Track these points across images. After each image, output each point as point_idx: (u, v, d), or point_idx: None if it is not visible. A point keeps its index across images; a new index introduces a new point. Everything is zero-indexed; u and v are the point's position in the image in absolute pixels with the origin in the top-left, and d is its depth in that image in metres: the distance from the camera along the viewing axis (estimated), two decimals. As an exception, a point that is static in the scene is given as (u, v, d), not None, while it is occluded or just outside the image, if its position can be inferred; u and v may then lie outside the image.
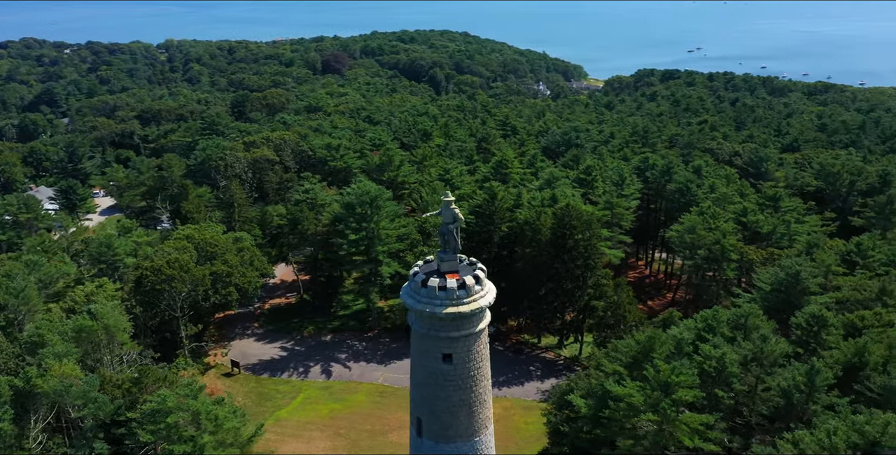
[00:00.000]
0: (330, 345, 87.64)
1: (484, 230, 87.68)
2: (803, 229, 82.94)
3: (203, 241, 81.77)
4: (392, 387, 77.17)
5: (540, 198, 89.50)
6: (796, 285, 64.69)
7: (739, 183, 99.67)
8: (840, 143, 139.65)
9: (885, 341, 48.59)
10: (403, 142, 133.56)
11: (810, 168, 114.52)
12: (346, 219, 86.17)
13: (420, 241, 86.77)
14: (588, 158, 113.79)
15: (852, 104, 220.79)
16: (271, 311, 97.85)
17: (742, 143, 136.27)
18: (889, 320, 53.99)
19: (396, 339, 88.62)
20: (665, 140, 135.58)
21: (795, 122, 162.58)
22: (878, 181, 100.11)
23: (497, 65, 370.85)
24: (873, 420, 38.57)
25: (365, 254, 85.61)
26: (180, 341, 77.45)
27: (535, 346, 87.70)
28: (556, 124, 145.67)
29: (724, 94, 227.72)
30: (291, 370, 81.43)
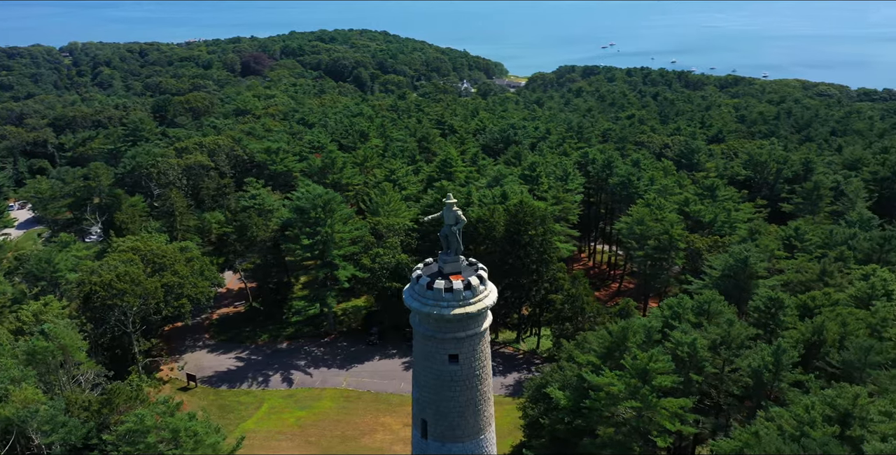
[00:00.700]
0: (287, 352, 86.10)
1: (437, 229, 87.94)
2: (742, 217, 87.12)
3: (150, 252, 78.80)
4: (357, 391, 76.61)
5: (491, 195, 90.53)
6: (745, 270, 68.00)
7: (677, 174, 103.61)
8: (760, 134, 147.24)
9: (838, 319, 51.79)
10: (342, 143, 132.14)
11: (738, 158, 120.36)
12: (299, 223, 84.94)
13: (374, 243, 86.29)
14: (529, 155, 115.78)
15: (762, 96, 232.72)
16: (221, 321, 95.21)
17: (670, 136, 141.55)
18: (837, 299, 57.57)
19: (354, 342, 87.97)
20: (598, 135, 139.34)
21: (715, 114, 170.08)
22: (802, 169, 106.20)
23: (420, 64, 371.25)
24: (844, 393, 41.13)
25: (319, 258, 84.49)
26: (133, 357, 74.42)
27: (493, 341, 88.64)
28: (492, 122, 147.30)
29: (645, 88, 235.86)
30: (251, 380, 79.60)
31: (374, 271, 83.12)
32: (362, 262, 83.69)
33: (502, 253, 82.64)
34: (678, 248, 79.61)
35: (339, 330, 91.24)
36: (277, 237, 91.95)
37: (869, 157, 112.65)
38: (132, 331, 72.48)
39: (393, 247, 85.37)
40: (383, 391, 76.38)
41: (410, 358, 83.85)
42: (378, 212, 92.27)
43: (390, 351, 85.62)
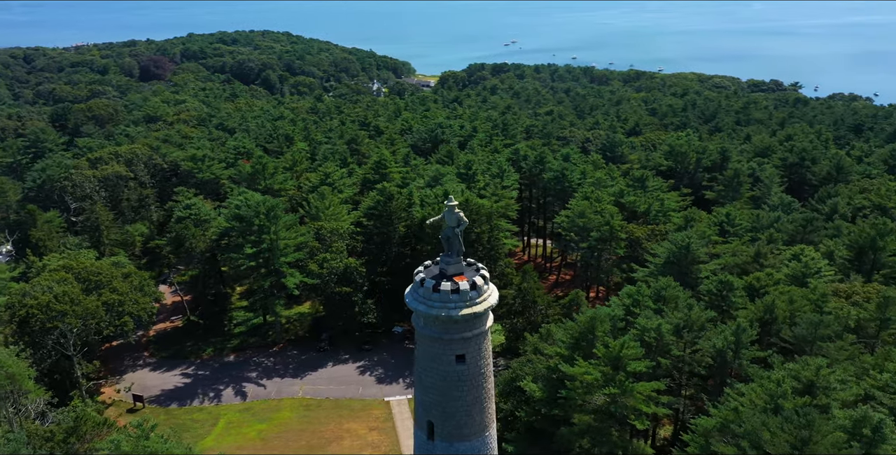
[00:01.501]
0: (236, 365, 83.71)
1: (382, 231, 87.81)
2: (673, 206, 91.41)
3: (84, 269, 74.76)
4: (316, 399, 75.46)
5: (433, 195, 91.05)
6: (687, 256, 71.45)
7: (607, 167, 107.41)
8: (672, 126, 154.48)
9: (786, 297, 55.48)
10: (267, 148, 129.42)
11: (657, 149, 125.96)
12: (239, 232, 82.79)
13: (319, 248, 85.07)
14: (460, 153, 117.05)
15: (665, 89, 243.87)
16: (159, 337, 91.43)
17: (590, 130, 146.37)
18: (778, 279, 61.59)
19: (304, 350, 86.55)
20: (522, 131, 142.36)
21: (627, 108, 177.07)
22: (719, 158, 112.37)
23: (328, 64, 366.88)
24: (807, 366, 44.26)
25: (264, 266, 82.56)
26: (75, 382, 70.46)
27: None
28: (417, 122, 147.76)
29: (556, 85, 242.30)
30: (202, 396, 76.93)
31: (323, 277, 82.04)
32: (310, 269, 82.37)
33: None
34: (619, 238, 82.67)
35: (287, 338, 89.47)
36: (215, 247, 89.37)
37: (776, 144, 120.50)
38: (73, 353, 68.61)
39: (339, 251, 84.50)
40: (343, 397, 75.59)
41: (365, 362, 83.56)
42: (319, 216, 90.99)
43: (343, 356, 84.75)
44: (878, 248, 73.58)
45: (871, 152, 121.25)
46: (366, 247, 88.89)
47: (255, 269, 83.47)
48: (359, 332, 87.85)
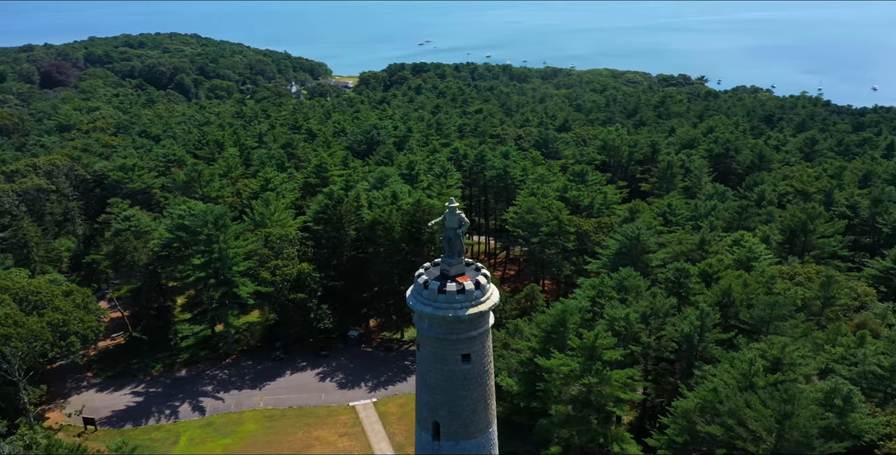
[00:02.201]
0: (188, 379, 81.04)
1: (333, 235, 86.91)
2: (615, 198, 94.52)
3: (22, 289, 70.70)
4: (278, 409, 74.06)
5: (382, 196, 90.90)
6: (637, 246, 74.21)
7: (546, 163, 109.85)
8: (598, 121, 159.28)
9: (740, 281, 58.57)
10: (198, 154, 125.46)
11: (589, 144, 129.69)
12: (188, 242, 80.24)
13: (270, 255, 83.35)
14: (399, 154, 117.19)
15: (584, 85, 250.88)
16: (101, 356, 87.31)
17: (521, 127, 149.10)
18: (729, 264, 64.90)
19: (259, 360, 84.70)
20: (456, 130, 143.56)
21: (552, 104, 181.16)
22: (650, 151, 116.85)
23: (243, 67, 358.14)
24: (773, 344, 47.01)
25: (214, 277, 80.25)
26: (21, 408, 66.59)
27: (400, 341, 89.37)
28: (349, 123, 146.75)
29: (480, 83, 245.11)
30: (157, 415, 74.07)
31: (276, 284, 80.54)
32: (262, 276, 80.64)
33: (404, 252, 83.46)
34: (568, 231, 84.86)
35: (239, 349, 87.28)
36: (157, 260, 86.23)
37: (700, 136, 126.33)
38: (18, 379, 64.83)
39: (291, 257, 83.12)
40: (306, 405, 74.50)
41: (324, 368, 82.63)
42: (265, 223, 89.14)
43: (300, 364, 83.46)
44: (808, 231, 78.60)
45: (786, 141, 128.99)
46: (317, 252, 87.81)
47: (203, 280, 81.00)
48: (313, 338, 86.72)
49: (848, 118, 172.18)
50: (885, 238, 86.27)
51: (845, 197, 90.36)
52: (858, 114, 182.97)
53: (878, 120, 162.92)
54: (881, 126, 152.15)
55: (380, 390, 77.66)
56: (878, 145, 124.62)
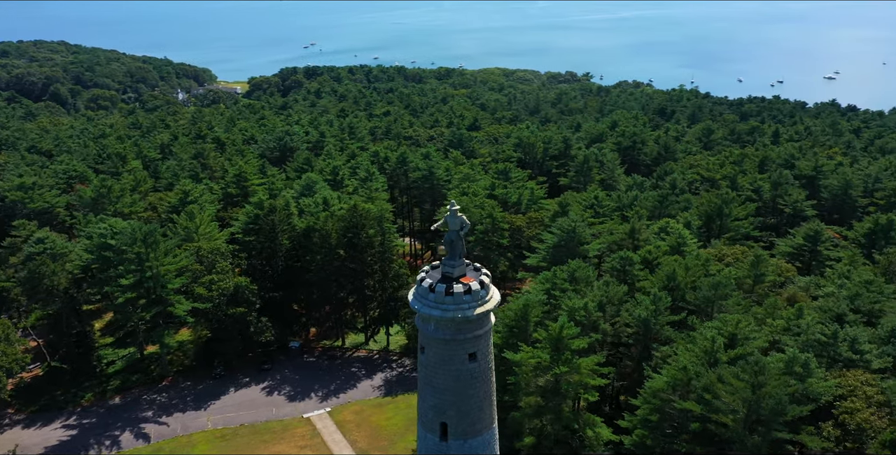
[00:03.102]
0: (124, 407, 76.78)
1: (266, 246, 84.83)
2: (540, 193, 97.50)
3: (-68, 325, 64.80)
4: (229, 427, 71.67)
5: (312, 203, 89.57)
6: (574, 238, 77.11)
7: (469, 163, 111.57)
8: (505, 119, 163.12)
9: (682, 265, 62.25)
10: (99, 169, 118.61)
11: (501, 142, 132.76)
12: (112, 263, 76.01)
13: (203, 270, 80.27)
14: (317, 160, 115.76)
15: (478, 85, 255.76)
16: (20, 390, 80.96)
17: (431, 128, 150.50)
18: (666, 250, 68.73)
19: (198, 379, 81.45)
20: (368, 133, 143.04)
21: (456, 104, 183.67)
22: (563, 146, 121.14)
23: (123, 75, 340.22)
24: (727, 322, 50.44)
25: (145, 297, 76.44)
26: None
27: (343, 348, 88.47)
28: (256, 130, 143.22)
29: (380, 85, 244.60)
30: (97, 446, 69.82)
31: (213, 299, 77.73)
32: (197, 293, 77.57)
33: (342, 259, 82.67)
34: (502, 228, 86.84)
35: (174, 370, 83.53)
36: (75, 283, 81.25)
37: (607, 130, 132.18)
38: (-59, 423, 59.44)
39: (225, 271, 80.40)
40: (258, 421, 72.48)
41: (269, 382, 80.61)
42: (192, 237, 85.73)
43: (243, 380, 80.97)
44: (724, 215, 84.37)
45: (684, 132, 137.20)
46: (250, 264, 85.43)
47: (132, 301, 76.92)
48: (253, 353, 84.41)
49: (730, 108, 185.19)
50: (787, 218, 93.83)
51: (749, 182, 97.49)
52: (738, 104, 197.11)
53: (759, 109, 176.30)
54: (763, 115, 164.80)
55: (331, 399, 76.66)
56: (765, 133, 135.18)
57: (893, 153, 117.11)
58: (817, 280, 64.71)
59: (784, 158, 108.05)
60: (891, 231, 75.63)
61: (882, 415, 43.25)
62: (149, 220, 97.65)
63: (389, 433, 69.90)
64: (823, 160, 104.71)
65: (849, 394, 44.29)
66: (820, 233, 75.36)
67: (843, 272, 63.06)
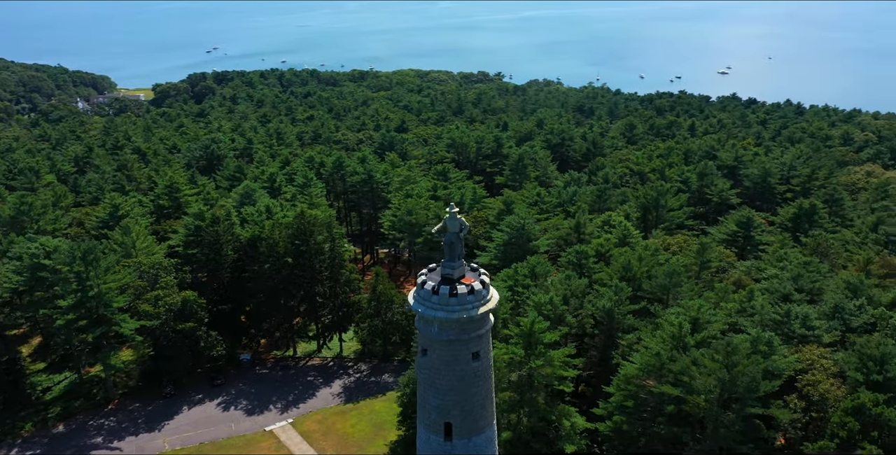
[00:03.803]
0: (70, 435, 72.83)
1: (211, 258, 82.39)
2: (481, 193, 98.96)
3: None
4: (189, 447, 69.34)
5: (254, 212, 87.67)
6: (524, 234, 78.93)
7: (406, 164, 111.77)
8: (430, 120, 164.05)
9: (635, 255, 64.88)
10: (12, 186, 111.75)
11: (430, 143, 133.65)
12: (46, 284, 72.09)
13: (146, 287, 77.12)
14: (249, 167, 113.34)
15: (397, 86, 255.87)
16: (-52, 426, 75.55)
17: (359, 131, 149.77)
18: (615, 242, 71.40)
19: (147, 400, 78.24)
20: (296, 138, 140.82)
21: (379, 107, 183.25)
22: (495, 145, 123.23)
23: (14, 84, 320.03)
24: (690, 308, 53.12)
25: (87, 317, 72.75)
26: None
27: (295, 358, 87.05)
28: (177, 139, 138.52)
29: (297, 89, 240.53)
30: (47, 479, 66.15)
31: (160, 316, 74.88)
32: (143, 310, 74.51)
33: (291, 267, 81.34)
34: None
35: (120, 392, 79.90)
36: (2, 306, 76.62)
37: (535, 128, 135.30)
38: None
39: (170, 286, 77.58)
40: (218, 438, 70.43)
41: (223, 397, 78.56)
42: (131, 253, 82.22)
43: (195, 397, 78.39)
44: (660, 206, 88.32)
45: (608, 128, 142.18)
46: (195, 277, 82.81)
47: (72, 323, 73.05)
48: (202, 368, 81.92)
49: (643, 104, 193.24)
50: (715, 206, 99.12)
51: (676, 174, 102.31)
52: (649, 100, 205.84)
53: (672, 105, 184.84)
54: (677, 110, 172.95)
55: (292, 410, 75.38)
56: (682, 126, 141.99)
57: (802, 142, 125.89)
58: (757, 264, 68.90)
59: (704, 150, 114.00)
60: (814, 215, 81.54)
61: (839, 385, 46.80)
62: (76, 236, 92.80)
63: (357, 440, 69.48)
64: (741, 151, 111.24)
65: (808, 367, 47.66)
66: (752, 219, 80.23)
67: (781, 255, 67.45)
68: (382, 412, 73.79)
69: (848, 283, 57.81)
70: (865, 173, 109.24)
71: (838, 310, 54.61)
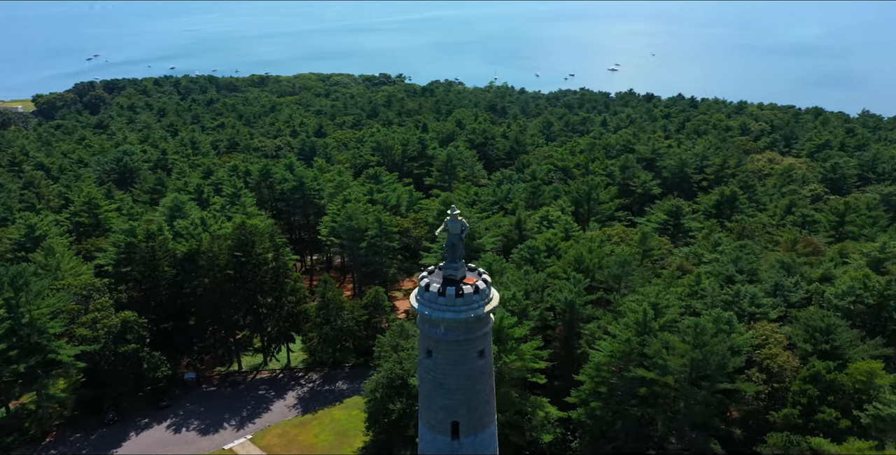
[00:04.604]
0: (7, 474, 68.15)
1: (147, 275, 78.87)
2: (419, 195, 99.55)
3: None
4: (145, 474, 66.36)
5: (187, 225, 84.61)
6: (469, 233, 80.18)
7: (336, 169, 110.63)
8: (347, 124, 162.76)
9: (585, 248, 67.46)
10: None
11: (353, 147, 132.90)
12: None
13: (80, 310, 72.98)
14: (170, 179, 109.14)
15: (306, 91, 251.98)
16: None
17: (276, 138, 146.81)
18: (562, 236, 73.88)
19: (88, 429, 74.20)
20: (211, 147, 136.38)
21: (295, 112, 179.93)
22: (420, 147, 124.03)
23: None
24: (648, 294, 55.96)
25: (17, 347, 68.08)
26: None
27: (242, 373, 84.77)
28: (82, 153, 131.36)
29: (198, 97, 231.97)
30: (-10, 523, 61.55)
31: (100, 339, 71.12)
32: (80, 334, 70.52)
33: (234, 280, 79.13)
34: (392, 232, 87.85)
35: (56, 424, 75.22)
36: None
37: (456, 129, 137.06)
38: None
39: (107, 307, 73.79)
40: (177, 462, 67.83)
41: (172, 419, 75.82)
42: (57, 275, 77.52)
43: (142, 421, 74.99)
44: (592, 199, 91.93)
45: (525, 126, 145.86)
46: (131, 296, 79.09)
47: (2, 354, 68.15)
48: (143, 392, 78.45)
49: (550, 102, 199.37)
50: (638, 197, 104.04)
51: (600, 168, 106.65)
52: (555, 98, 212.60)
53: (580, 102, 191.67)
54: (586, 106, 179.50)
55: (248, 426, 73.48)
56: (595, 122, 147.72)
57: (708, 133, 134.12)
58: (695, 249, 73.16)
59: (622, 144, 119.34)
60: (735, 201, 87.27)
61: (792, 356, 50.76)
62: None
63: (322, 449, 68.66)
64: (657, 143, 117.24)
65: (763, 342, 51.41)
66: (681, 207, 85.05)
67: (716, 240, 72.01)
68: (343, 420, 73.27)
69: (782, 263, 62.58)
70: (767, 160, 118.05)
71: (778, 287, 59.07)
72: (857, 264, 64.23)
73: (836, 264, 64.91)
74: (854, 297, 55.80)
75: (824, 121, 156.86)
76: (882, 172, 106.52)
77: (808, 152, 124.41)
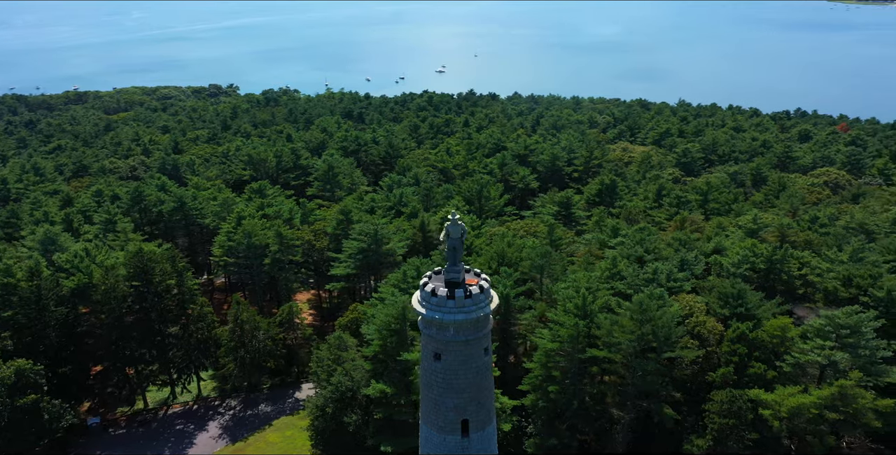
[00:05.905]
0: None
1: (33, 317, 71.44)
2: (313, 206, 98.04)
3: None
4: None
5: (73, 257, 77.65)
6: (378, 240, 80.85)
7: (216, 186, 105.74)
8: (202, 139, 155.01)
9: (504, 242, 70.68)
10: None
11: (215, 162, 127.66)
12: None
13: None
14: (24, 211, 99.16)
15: (140, 107, 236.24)
16: None
17: (126, 158, 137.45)
18: (474, 234, 76.67)
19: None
20: (57, 173, 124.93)
21: (142, 130, 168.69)
22: (293, 157, 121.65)
23: None
24: (579, 280, 60.14)
25: None
26: None
27: (151, 410, 79.30)
28: None
29: (12, 118, 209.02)
30: None
31: None
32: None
33: (135, 312, 73.98)
34: (294, 245, 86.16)
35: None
36: None
37: (326, 138, 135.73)
38: None
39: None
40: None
41: None
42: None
43: (49, 478, 68.04)
44: (483, 197, 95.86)
45: (392, 130, 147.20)
46: (16, 342, 71.31)
47: None
48: (40, 446, 71.13)
49: (402, 106, 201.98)
50: (519, 192, 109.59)
51: (479, 166, 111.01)
52: (402, 102, 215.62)
53: (427, 104, 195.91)
54: (442, 107, 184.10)
55: (185, 465, 69.24)
56: (457, 123, 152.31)
57: (567, 128, 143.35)
58: (597, 235, 78.92)
59: (493, 143, 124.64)
60: (615, 188, 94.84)
61: (716, 322, 57.09)
62: None
63: (269, 474, 66.40)
64: (526, 140, 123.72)
65: (690, 312, 57.26)
66: (571, 198, 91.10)
67: (614, 225, 78.25)
68: (280, 442, 71.14)
69: (680, 240, 69.66)
70: (622, 149, 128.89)
71: (684, 262, 65.77)
72: (735, 236, 72.93)
73: (721, 238, 73.28)
74: (748, 265, 63.65)
75: (658, 111, 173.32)
76: (722, 154, 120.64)
77: (653, 140, 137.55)
